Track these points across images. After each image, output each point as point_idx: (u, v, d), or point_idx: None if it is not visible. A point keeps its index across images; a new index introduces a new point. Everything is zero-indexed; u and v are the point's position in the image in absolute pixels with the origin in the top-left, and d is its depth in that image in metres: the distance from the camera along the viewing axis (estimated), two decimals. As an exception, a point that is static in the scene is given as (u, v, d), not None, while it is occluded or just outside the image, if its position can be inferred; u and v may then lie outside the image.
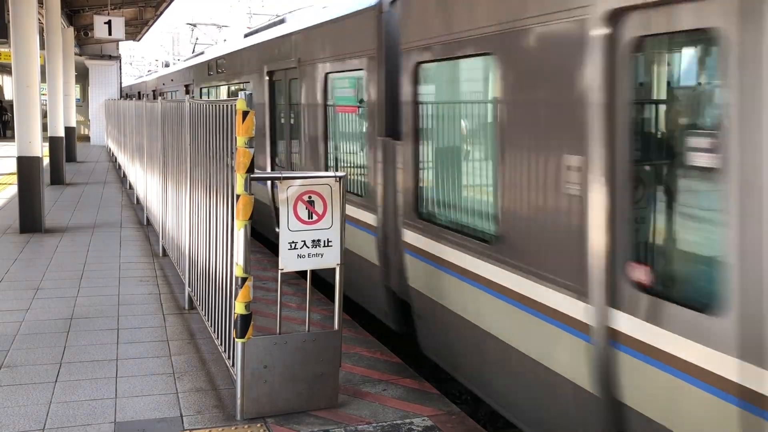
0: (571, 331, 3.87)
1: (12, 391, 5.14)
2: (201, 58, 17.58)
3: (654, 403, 3.41)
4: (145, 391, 5.16)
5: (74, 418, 4.72)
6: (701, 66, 3.35)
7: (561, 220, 3.91)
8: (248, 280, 4.64)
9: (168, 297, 7.69)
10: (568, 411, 4.01)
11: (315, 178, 4.80)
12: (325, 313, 7.08)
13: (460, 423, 4.75)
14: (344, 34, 7.43)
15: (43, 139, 11.75)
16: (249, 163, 4.56)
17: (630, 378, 3.54)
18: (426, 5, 5.51)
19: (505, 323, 4.50)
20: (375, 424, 4.69)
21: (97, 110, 34.84)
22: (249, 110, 4.56)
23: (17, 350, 5.97)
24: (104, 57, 34.90)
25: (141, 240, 10.92)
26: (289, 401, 4.80)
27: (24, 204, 11.37)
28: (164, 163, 9.11)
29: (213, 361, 5.74)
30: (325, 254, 4.81)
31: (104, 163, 25.07)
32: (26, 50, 11.30)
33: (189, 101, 6.98)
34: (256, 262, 9.13)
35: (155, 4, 26.14)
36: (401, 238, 5.99)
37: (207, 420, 4.72)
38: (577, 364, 3.86)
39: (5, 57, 30.39)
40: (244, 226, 4.59)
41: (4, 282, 8.22)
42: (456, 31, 4.99)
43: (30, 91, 11.34)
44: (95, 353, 5.93)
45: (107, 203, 14.98)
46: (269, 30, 11.51)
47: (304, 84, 8.65)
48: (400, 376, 5.55)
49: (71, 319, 6.85)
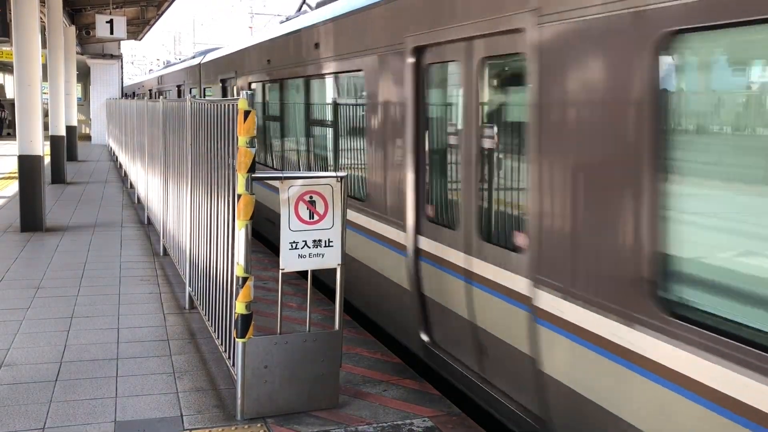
0: (397, 251, 6.02)
1: (12, 390, 5.14)
2: (242, 44, 12.88)
3: (440, 293, 5.41)
4: (145, 391, 5.16)
5: (74, 417, 4.71)
6: (455, 82, 5.22)
7: (395, 186, 6.00)
8: (249, 279, 4.64)
9: (168, 296, 7.69)
10: (395, 301, 6.18)
11: (316, 178, 4.80)
12: (326, 314, 7.07)
13: (460, 424, 4.74)
14: None
15: (44, 138, 11.76)
16: (250, 163, 4.56)
17: (427, 278, 5.59)
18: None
19: (367, 253, 6.71)
20: (375, 424, 4.69)
21: (98, 109, 34.87)
22: (250, 110, 4.55)
23: (17, 349, 5.97)
24: (106, 56, 34.95)
25: (142, 239, 10.92)
26: (289, 401, 4.80)
27: (25, 203, 11.38)
28: (165, 163, 9.11)
29: (213, 361, 5.74)
30: (326, 254, 4.81)
31: (105, 162, 25.07)
32: (28, 49, 11.30)
33: (191, 100, 6.97)
34: (257, 261, 9.13)
35: (157, 4, 26.16)
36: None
37: (207, 420, 4.72)
38: (399, 271, 5.98)
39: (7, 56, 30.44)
40: (245, 225, 4.59)
41: (4, 281, 8.22)
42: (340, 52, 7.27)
43: (31, 90, 11.35)
44: (96, 352, 5.93)
45: (108, 202, 14.98)
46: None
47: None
48: (401, 376, 5.54)
49: (72, 318, 6.85)
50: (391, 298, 6.21)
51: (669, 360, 3.17)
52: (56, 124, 19.05)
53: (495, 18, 4.42)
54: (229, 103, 5.08)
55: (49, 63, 19.20)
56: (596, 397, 3.67)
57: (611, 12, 3.43)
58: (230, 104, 5.02)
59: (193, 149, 6.85)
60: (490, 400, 4.85)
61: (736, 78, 3.00)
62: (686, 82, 3.19)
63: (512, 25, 4.24)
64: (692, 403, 3.03)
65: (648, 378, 3.31)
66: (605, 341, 3.57)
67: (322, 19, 7.88)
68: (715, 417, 2.95)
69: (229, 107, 5.08)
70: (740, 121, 2.96)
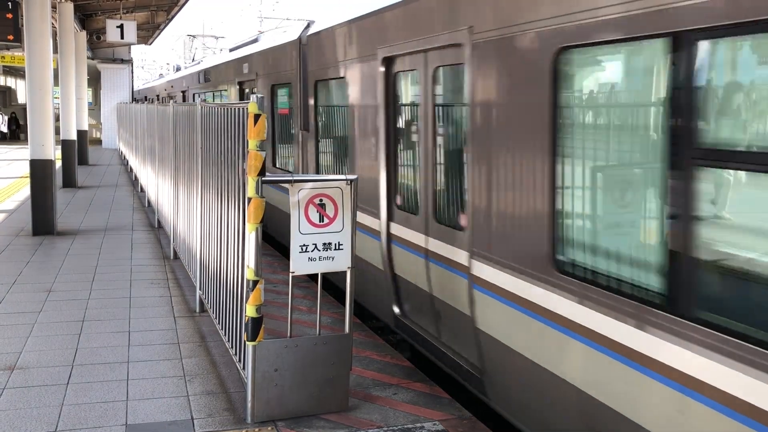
0: (373, 236, 6.80)
1: (24, 393, 5.17)
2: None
3: (407, 271, 6.23)
4: (156, 394, 5.17)
5: (86, 420, 4.73)
6: (414, 86, 6.22)
7: (372, 179, 6.78)
8: (259, 283, 4.64)
9: (179, 300, 7.71)
10: (372, 281, 6.96)
11: (326, 181, 4.80)
12: (336, 317, 7.07)
13: (470, 428, 4.73)
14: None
15: (55, 142, 11.82)
16: (261, 166, 4.56)
17: (398, 258, 6.42)
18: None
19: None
20: (385, 428, 4.68)
21: (108, 113, 35.03)
22: (261, 113, 4.56)
23: (29, 352, 6.00)
24: (116, 61, 35.10)
25: (152, 243, 10.96)
26: (299, 404, 4.80)
27: (37, 206, 11.44)
28: (176, 166, 9.14)
29: (224, 364, 5.75)
30: (336, 257, 4.81)
31: (116, 166, 25.19)
32: (40, 54, 11.38)
33: (200, 104, 7.00)
34: (267, 265, 9.14)
35: (167, 8, 26.28)
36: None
37: (218, 423, 4.72)
38: (376, 254, 6.79)
39: (19, 61, 30.63)
40: (256, 229, 4.59)
41: (16, 284, 8.27)
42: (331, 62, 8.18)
43: (43, 95, 11.42)
44: (107, 355, 5.95)
45: (119, 206, 15.04)
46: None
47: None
48: (411, 380, 5.53)
49: (83, 321, 6.87)
50: (369, 278, 7.04)
51: (563, 309, 4.00)
52: (67, 128, 19.15)
53: (443, 34, 5.32)
54: (239, 107, 5.09)
55: (61, 68, 19.31)
56: (515, 346, 4.50)
57: (519, 32, 4.34)
58: (240, 108, 5.03)
59: (203, 153, 6.87)
60: (443, 358, 5.66)
61: (605, 85, 3.97)
62: (574, 88, 4.06)
63: (455, 41, 5.14)
64: (573, 340, 3.92)
65: (547, 325, 4.14)
66: (517, 297, 4.45)
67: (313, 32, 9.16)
68: (587, 349, 3.81)
69: (239, 111, 5.09)
70: (601, 117, 3.93)
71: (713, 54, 3.14)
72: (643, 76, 3.68)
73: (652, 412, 3.41)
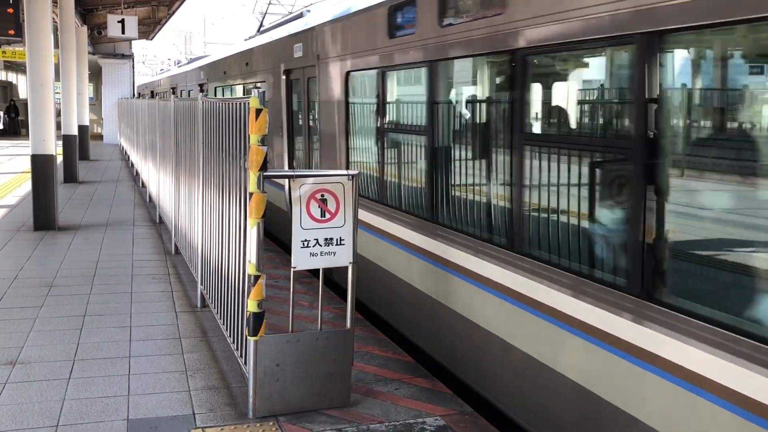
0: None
1: (26, 387, 5.17)
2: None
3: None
4: (157, 389, 5.17)
5: (87, 415, 4.73)
6: (303, 89, 9.51)
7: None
8: (261, 278, 4.64)
9: (180, 295, 7.71)
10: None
11: (328, 177, 4.79)
12: (338, 312, 7.07)
13: (472, 423, 4.73)
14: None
15: (56, 137, 11.81)
16: (262, 161, 4.56)
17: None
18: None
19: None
20: (387, 423, 4.68)
21: (110, 109, 35.01)
22: (262, 108, 4.55)
23: (31, 347, 6.00)
24: (117, 56, 35.08)
25: (153, 238, 10.96)
26: (301, 400, 4.80)
27: (38, 202, 11.44)
28: (177, 161, 9.13)
29: (225, 359, 5.75)
30: (338, 252, 4.80)
31: (117, 161, 25.19)
32: (41, 49, 11.36)
33: (202, 99, 6.98)
34: (268, 260, 9.13)
35: (168, 3, 26.26)
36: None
37: (219, 418, 4.72)
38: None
39: (20, 56, 30.60)
40: (257, 224, 4.59)
41: (17, 279, 8.27)
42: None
43: (44, 90, 11.40)
44: (108, 350, 5.95)
45: (120, 201, 15.04)
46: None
47: None
48: (413, 375, 5.53)
49: (84, 316, 6.88)
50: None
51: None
52: (68, 123, 19.13)
53: (309, 57, 8.77)
54: (241, 102, 5.08)
55: (62, 63, 19.29)
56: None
57: (335, 57, 7.88)
58: (242, 103, 5.02)
59: (204, 148, 6.86)
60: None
61: (369, 90, 7.05)
62: (351, 97, 7.57)
63: (313, 63, 8.69)
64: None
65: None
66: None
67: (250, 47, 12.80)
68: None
69: (240, 106, 5.08)
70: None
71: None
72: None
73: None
